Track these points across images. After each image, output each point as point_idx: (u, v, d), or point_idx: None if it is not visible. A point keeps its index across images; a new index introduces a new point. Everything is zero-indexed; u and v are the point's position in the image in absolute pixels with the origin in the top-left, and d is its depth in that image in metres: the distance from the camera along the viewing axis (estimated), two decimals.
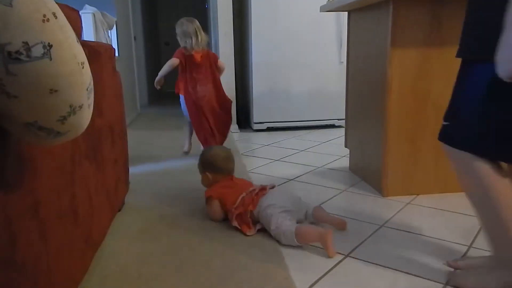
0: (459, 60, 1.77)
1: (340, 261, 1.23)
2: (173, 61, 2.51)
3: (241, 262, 1.23)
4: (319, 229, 1.31)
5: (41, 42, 0.55)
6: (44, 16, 0.55)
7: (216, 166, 1.64)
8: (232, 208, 1.46)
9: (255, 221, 1.45)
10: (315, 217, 1.46)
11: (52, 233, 0.81)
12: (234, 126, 3.47)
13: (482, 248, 1.29)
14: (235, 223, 1.44)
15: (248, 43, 3.38)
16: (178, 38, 2.59)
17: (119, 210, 1.63)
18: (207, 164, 1.66)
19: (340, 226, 1.44)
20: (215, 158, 1.65)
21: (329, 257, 1.24)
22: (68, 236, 0.90)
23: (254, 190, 1.51)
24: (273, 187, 1.54)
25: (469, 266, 1.13)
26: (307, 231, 1.30)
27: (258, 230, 1.43)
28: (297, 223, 1.37)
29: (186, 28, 2.54)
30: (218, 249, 1.31)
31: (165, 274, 1.17)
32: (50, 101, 0.59)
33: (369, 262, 1.22)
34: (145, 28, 5.70)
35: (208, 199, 1.56)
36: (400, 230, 1.43)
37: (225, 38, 3.35)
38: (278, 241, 1.34)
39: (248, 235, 1.40)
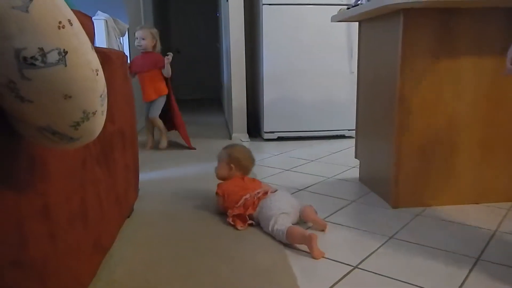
0: (470, 70, 1.76)
1: (349, 272, 1.21)
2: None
3: (248, 269, 1.22)
4: (304, 232, 1.34)
5: (57, 49, 0.56)
6: (60, 23, 0.57)
7: (242, 164, 1.75)
8: (233, 207, 1.56)
9: (254, 221, 1.54)
10: (302, 215, 1.53)
11: (61, 236, 0.82)
12: (244, 135, 3.48)
13: (490, 260, 1.27)
14: (229, 220, 1.54)
15: (259, 52, 3.40)
16: (155, 41, 2.94)
17: (128, 216, 1.64)
18: (235, 158, 1.75)
19: (321, 228, 1.50)
20: (245, 156, 1.77)
21: (314, 258, 1.29)
22: (77, 240, 0.91)
23: (258, 193, 1.59)
24: (275, 190, 1.61)
25: None
26: (294, 232, 1.36)
27: (264, 233, 1.44)
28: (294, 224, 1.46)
29: (136, 34, 2.93)
30: (225, 256, 1.31)
31: (172, 280, 1.17)
32: (64, 107, 0.60)
33: (377, 273, 1.20)
34: None
35: (216, 194, 1.68)
36: (410, 242, 1.42)
37: (236, 46, 3.38)
38: (283, 244, 1.38)
39: (239, 229, 1.51)
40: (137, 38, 2.91)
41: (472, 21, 1.64)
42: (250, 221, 1.54)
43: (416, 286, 1.13)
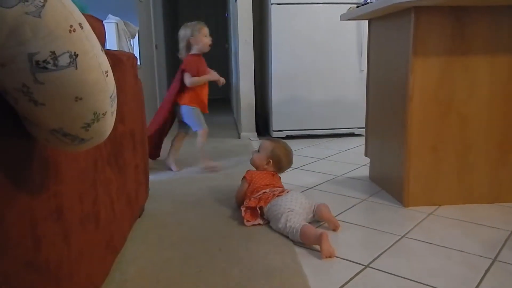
0: (483, 68, 1.74)
1: (360, 272, 1.21)
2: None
3: (259, 270, 1.22)
4: (317, 232, 1.34)
5: (68, 52, 0.57)
6: (71, 26, 0.57)
7: (281, 163, 1.77)
8: (251, 197, 1.59)
9: (263, 217, 1.56)
10: (317, 213, 1.53)
11: (75, 237, 0.83)
12: (253, 134, 3.48)
13: (508, 262, 1.25)
14: (242, 208, 1.57)
15: (268, 51, 3.40)
16: (192, 41, 2.36)
17: (139, 216, 1.65)
18: (276, 156, 1.77)
19: (333, 227, 1.50)
20: (286, 157, 1.78)
21: (322, 257, 1.28)
22: (89, 241, 0.92)
23: (277, 190, 1.61)
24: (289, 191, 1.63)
25: None
26: (308, 233, 1.35)
27: (274, 232, 1.43)
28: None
29: (205, 31, 2.37)
30: (236, 256, 1.31)
31: (183, 280, 1.17)
32: (75, 109, 0.61)
33: (389, 273, 1.20)
34: (166, 37, 5.79)
35: (243, 179, 1.73)
36: (422, 241, 1.40)
37: (245, 46, 3.38)
38: (292, 242, 1.39)
39: (245, 224, 1.53)
40: (206, 36, 2.39)
41: (486, 18, 1.61)
42: (258, 221, 1.55)
43: (429, 286, 1.12)
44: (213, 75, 2.43)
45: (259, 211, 1.56)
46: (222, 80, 2.49)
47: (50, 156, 0.74)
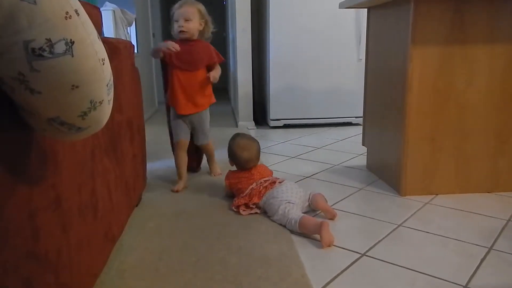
0: (482, 57, 1.73)
1: (356, 260, 1.22)
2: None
3: (257, 259, 1.23)
4: (317, 222, 1.34)
5: (64, 39, 0.56)
6: (67, 13, 0.56)
7: (238, 162, 1.72)
8: (239, 196, 1.60)
9: (260, 210, 1.57)
10: (312, 203, 1.55)
11: (73, 226, 0.82)
12: (250, 123, 3.48)
13: (504, 250, 1.26)
14: (232, 207, 1.59)
15: (266, 39, 3.37)
16: (204, 22, 1.93)
17: (137, 205, 1.65)
18: (231, 156, 1.74)
19: (330, 216, 1.51)
20: (242, 156, 1.69)
21: (324, 245, 1.29)
22: (88, 230, 0.92)
23: (265, 181, 1.61)
24: (282, 181, 1.62)
25: None
26: (307, 223, 1.37)
27: (271, 222, 1.44)
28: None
29: (176, 15, 1.87)
30: (234, 245, 1.32)
31: (181, 269, 1.18)
32: (71, 97, 0.60)
33: (386, 261, 1.21)
34: (163, 25, 5.74)
35: (225, 182, 1.74)
36: (418, 230, 1.41)
37: (243, 34, 3.35)
38: (290, 231, 1.41)
39: (242, 214, 1.55)
40: (177, 21, 1.86)
41: (485, 8, 1.60)
42: (255, 210, 1.56)
43: (426, 274, 1.13)
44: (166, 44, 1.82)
45: (252, 207, 1.57)
46: (174, 48, 1.81)
47: (48, 146, 0.74)
